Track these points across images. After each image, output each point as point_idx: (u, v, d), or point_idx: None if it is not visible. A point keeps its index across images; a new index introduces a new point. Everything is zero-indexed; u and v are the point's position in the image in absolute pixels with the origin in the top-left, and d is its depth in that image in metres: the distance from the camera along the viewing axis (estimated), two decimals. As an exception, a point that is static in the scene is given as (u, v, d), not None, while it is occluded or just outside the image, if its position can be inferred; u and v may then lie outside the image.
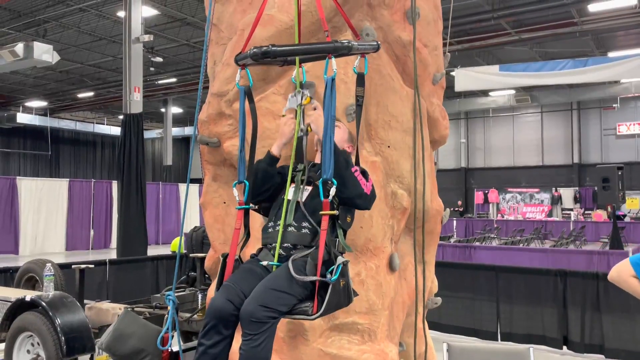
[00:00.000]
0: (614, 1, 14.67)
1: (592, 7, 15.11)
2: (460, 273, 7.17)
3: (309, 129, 2.65)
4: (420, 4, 3.52)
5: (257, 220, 3.01)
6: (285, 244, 2.50)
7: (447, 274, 6.44)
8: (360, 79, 2.71)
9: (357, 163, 2.77)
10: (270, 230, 2.61)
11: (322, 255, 2.33)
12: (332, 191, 2.38)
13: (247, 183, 2.64)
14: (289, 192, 2.61)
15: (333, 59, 2.43)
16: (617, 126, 27.54)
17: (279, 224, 2.54)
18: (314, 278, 2.32)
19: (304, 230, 2.51)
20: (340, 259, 2.36)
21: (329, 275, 2.32)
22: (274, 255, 2.51)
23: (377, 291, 3.24)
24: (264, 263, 2.52)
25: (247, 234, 2.74)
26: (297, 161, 2.74)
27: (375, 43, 2.70)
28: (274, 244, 2.53)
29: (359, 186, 2.50)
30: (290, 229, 2.52)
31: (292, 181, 2.65)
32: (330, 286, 2.31)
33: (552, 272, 6.58)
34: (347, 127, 2.93)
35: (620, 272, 2.29)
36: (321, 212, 2.39)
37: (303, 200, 2.57)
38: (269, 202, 2.73)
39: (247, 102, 2.71)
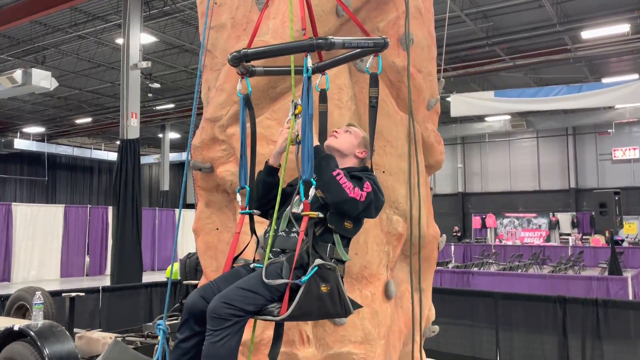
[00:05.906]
0: (606, 28, 14.85)
1: (585, 34, 15.30)
2: (458, 300, 7.07)
3: (299, 137, 2.56)
4: (414, 31, 3.54)
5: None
6: (275, 249, 2.51)
7: (445, 301, 6.36)
8: (374, 79, 2.58)
9: (371, 169, 2.68)
10: (266, 235, 2.63)
11: (297, 258, 2.28)
12: (311, 192, 2.32)
13: (248, 188, 2.66)
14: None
15: (309, 57, 2.35)
16: (613, 151, 27.64)
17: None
18: (283, 281, 2.26)
19: (292, 235, 2.50)
20: (318, 261, 2.28)
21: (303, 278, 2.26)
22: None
23: (373, 320, 3.17)
24: (252, 265, 2.54)
25: (257, 239, 2.71)
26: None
27: (380, 39, 2.45)
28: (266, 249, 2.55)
29: (342, 191, 2.35)
30: (280, 233, 2.54)
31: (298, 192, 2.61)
32: (302, 289, 2.23)
33: (551, 298, 6.50)
34: (362, 132, 2.73)
35: None
36: (302, 213, 2.34)
37: (298, 209, 2.52)
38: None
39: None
